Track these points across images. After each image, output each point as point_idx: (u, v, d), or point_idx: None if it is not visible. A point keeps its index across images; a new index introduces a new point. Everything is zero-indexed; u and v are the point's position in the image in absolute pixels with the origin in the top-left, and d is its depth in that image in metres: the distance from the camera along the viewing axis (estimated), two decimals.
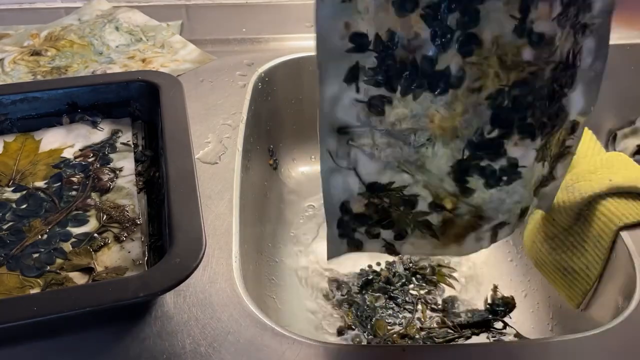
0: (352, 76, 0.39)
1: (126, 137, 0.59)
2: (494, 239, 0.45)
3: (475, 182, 0.42)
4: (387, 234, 0.46)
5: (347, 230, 0.46)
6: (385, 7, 0.36)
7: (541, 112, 0.39)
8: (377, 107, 0.40)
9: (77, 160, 0.56)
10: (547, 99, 0.39)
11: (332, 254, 0.47)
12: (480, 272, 0.69)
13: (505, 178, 0.42)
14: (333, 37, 0.37)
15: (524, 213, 0.45)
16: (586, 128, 0.61)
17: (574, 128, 0.42)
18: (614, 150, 0.87)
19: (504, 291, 0.66)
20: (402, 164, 0.42)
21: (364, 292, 0.65)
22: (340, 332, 0.61)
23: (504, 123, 0.39)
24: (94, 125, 0.60)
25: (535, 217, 0.57)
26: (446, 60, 0.37)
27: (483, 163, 0.41)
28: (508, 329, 0.61)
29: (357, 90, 0.39)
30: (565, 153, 0.44)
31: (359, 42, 0.37)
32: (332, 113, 0.40)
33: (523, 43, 0.37)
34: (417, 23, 0.36)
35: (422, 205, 0.44)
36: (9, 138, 0.58)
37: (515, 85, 0.38)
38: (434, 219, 0.44)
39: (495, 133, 0.39)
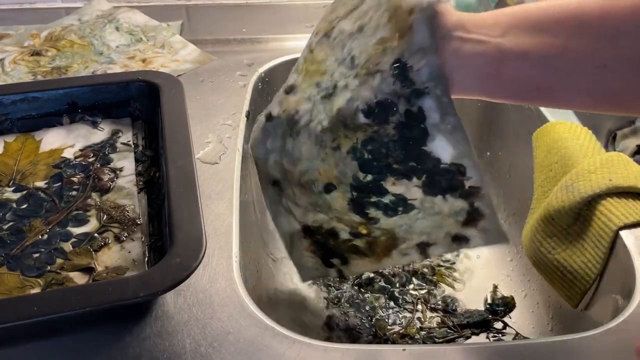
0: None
1: (126, 137, 0.59)
2: (423, 254, 0.51)
3: (375, 212, 0.49)
4: (336, 262, 0.55)
5: (305, 260, 0.56)
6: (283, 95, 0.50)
7: (403, 159, 0.45)
8: (288, 165, 0.50)
9: (78, 160, 0.57)
10: (401, 149, 0.45)
11: (305, 278, 0.58)
12: (480, 272, 0.69)
13: (400, 209, 0.49)
14: (260, 118, 0.51)
15: (456, 239, 0.50)
16: (586, 128, 0.61)
17: (462, 170, 0.45)
18: (614, 150, 0.87)
19: (504, 291, 0.66)
20: (316, 206, 0.51)
21: (364, 292, 0.66)
22: (340, 332, 0.61)
23: (372, 170, 0.47)
24: (94, 125, 0.60)
25: (535, 216, 0.57)
26: (313, 127, 0.48)
27: (373, 199, 0.48)
28: (508, 329, 0.61)
29: (275, 152, 0.50)
30: (471, 193, 0.47)
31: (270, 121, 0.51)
32: (265, 169, 0.52)
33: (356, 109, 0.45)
34: (297, 104, 0.48)
35: (344, 235, 0.52)
36: (9, 138, 0.59)
37: (365, 143, 0.46)
38: (359, 242, 0.52)
39: (369, 177, 0.47)
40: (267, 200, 0.54)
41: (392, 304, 0.64)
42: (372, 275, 0.67)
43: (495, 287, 0.66)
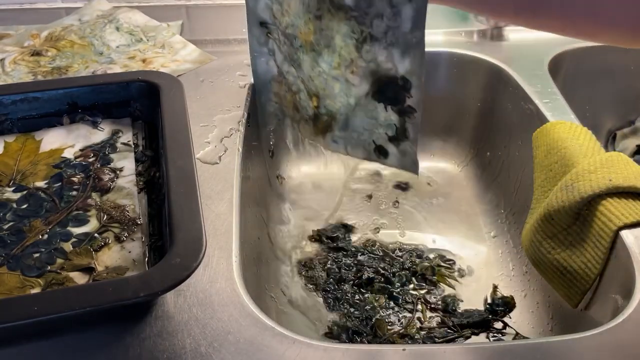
0: None
1: (126, 137, 0.59)
2: (346, 149, 0.58)
3: (327, 90, 0.55)
4: (291, 114, 0.61)
5: (270, 105, 0.62)
6: None
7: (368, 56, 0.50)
8: (277, 12, 0.55)
9: (78, 160, 0.57)
10: (369, 44, 0.50)
11: (262, 122, 0.65)
12: (480, 272, 0.69)
13: (348, 95, 0.54)
14: None
15: (377, 149, 0.55)
16: (586, 128, 0.61)
17: (407, 87, 0.50)
18: (614, 150, 0.87)
19: (504, 291, 0.66)
20: (291, 60, 0.56)
21: (364, 292, 0.66)
22: (340, 332, 0.61)
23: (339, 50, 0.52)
24: (95, 125, 0.60)
25: (534, 216, 0.57)
26: None
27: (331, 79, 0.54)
28: (508, 329, 0.62)
29: None
30: (407, 111, 0.51)
31: None
32: (255, 9, 0.57)
33: None
34: None
35: (302, 96, 0.58)
36: (10, 138, 0.59)
37: (343, 20, 0.50)
38: (309, 110, 0.58)
39: (335, 57, 0.52)
40: (251, 39, 0.59)
41: (392, 304, 0.64)
42: (372, 275, 0.67)
43: (495, 287, 0.66)
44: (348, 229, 0.74)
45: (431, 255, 0.71)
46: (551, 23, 0.45)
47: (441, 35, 0.85)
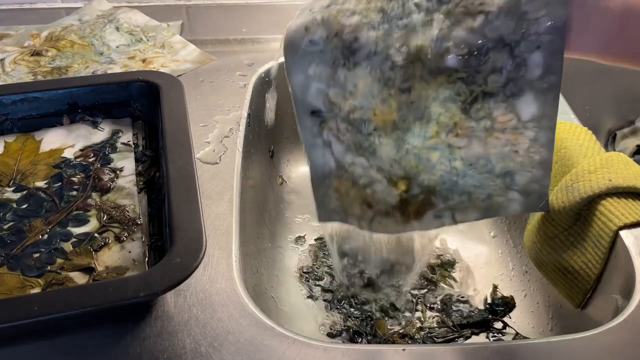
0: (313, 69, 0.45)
1: (126, 137, 0.59)
2: (454, 218, 0.48)
3: (422, 164, 0.46)
4: (359, 212, 0.50)
5: (328, 201, 0.51)
6: (335, 16, 0.43)
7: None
8: (335, 97, 0.45)
9: (78, 160, 0.57)
10: (482, 101, 0.42)
11: (321, 219, 0.53)
12: (480, 272, 0.69)
13: (453, 162, 0.46)
14: (296, 38, 0.45)
15: (493, 202, 0.47)
16: (586, 128, 0.61)
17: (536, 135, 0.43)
18: (614, 150, 0.87)
19: (504, 291, 0.66)
20: (359, 148, 0.47)
21: (364, 292, 0.66)
22: (340, 332, 0.61)
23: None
24: (95, 125, 0.60)
25: (536, 217, 0.57)
26: (379, 61, 0.43)
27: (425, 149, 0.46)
28: (508, 329, 0.61)
29: (320, 80, 0.45)
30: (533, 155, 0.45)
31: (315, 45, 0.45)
32: (303, 98, 0.46)
33: (445, 50, 0.40)
34: (357, 30, 0.43)
35: (378, 187, 0.48)
36: (10, 138, 0.59)
37: (443, 84, 0.42)
38: (392, 199, 0.48)
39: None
40: (303, 131, 0.48)
41: (392, 304, 0.64)
42: (372, 275, 0.67)
43: (495, 287, 0.66)
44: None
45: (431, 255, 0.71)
46: None
47: None
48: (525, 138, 0.43)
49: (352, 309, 0.63)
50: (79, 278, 0.45)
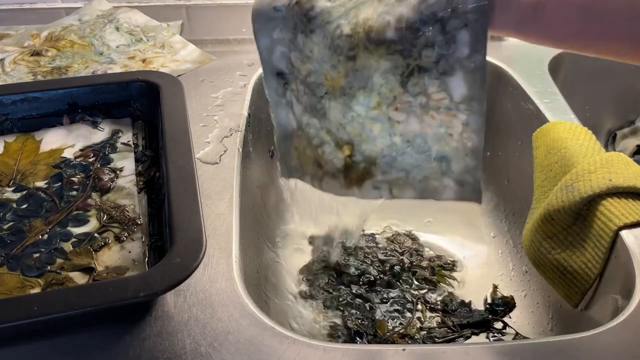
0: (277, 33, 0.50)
1: (126, 137, 0.59)
2: (392, 192, 0.52)
3: (364, 133, 0.50)
4: (312, 170, 0.55)
5: (290, 158, 0.56)
6: None
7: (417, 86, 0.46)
8: (296, 60, 0.49)
9: (78, 160, 0.57)
10: (418, 76, 0.45)
11: (284, 174, 0.58)
12: (480, 272, 0.69)
13: (393, 136, 0.49)
14: (262, 4, 0.49)
15: (429, 185, 0.50)
16: (586, 128, 0.61)
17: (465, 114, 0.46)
18: (614, 150, 0.87)
19: (504, 291, 0.66)
20: (313, 110, 0.51)
21: (364, 292, 0.66)
22: (340, 332, 0.61)
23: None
24: (95, 125, 0.60)
25: (535, 216, 0.57)
26: (331, 29, 0.46)
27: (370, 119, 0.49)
28: (508, 329, 0.62)
29: (283, 44, 0.50)
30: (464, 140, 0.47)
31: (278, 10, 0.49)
32: (269, 60, 0.51)
33: (386, 23, 0.44)
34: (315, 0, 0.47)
35: (327, 149, 0.52)
36: (10, 138, 0.59)
37: (384, 56, 0.45)
38: (338, 162, 0.52)
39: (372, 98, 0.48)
40: (269, 90, 0.53)
41: (392, 304, 0.64)
42: (373, 276, 0.67)
43: (495, 287, 0.66)
44: (348, 229, 0.74)
45: (431, 255, 0.71)
46: (612, 53, 0.43)
47: None
48: (458, 121, 0.46)
49: (352, 309, 0.63)
50: (79, 278, 0.45)
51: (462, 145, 0.47)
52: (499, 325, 0.62)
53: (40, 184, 0.54)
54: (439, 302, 0.65)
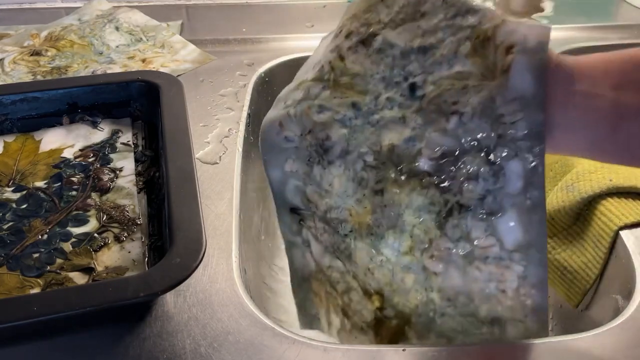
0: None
1: (126, 137, 0.59)
2: None
3: (396, 285, 0.41)
4: (339, 321, 0.47)
5: (309, 305, 0.48)
6: (307, 112, 0.41)
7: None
8: (312, 195, 0.43)
9: (77, 160, 0.56)
10: (458, 216, 0.37)
11: (303, 325, 0.50)
12: None
13: (430, 293, 0.40)
14: (271, 133, 0.43)
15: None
16: None
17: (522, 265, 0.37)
18: None
19: None
20: (336, 250, 0.43)
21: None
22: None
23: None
24: (94, 125, 0.60)
25: None
26: (352, 160, 0.40)
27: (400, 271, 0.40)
28: None
29: (297, 177, 0.43)
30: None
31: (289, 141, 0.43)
32: (282, 194, 0.44)
33: (417, 152, 0.37)
34: (328, 127, 0.40)
35: (355, 297, 0.44)
36: (9, 138, 0.58)
37: (416, 190, 0.38)
38: (367, 314, 0.44)
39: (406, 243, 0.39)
40: (282, 228, 0.46)
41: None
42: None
43: None
44: None
45: None
46: None
47: None
48: (513, 274, 0.38)
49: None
50: (79, 278, 0.45)
51: (520, 304, 0.38)
52: None
53: (40, 184, 0.54)
54: None
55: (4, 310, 0.39)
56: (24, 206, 0.52)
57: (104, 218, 0.50)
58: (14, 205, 0.52)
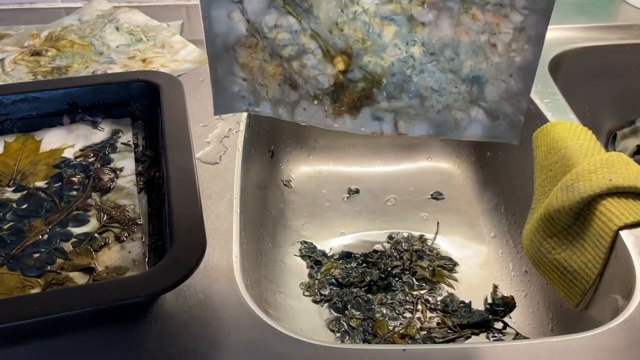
0: None
1: (126, 137, 0.59)
2: (396, 126, 0.39)
3: (373, 39, 0.36)
4: (278, 95, 0.40)
5: (232, 84, 0.41)
6: None
7: None
8: None
9: (78, 160, 0.57)
10: None
11: (219, 108, 0.43)
12: (480, 272, 0.69)
13: (418, 45, 0.36)
14: None
15: (449, 117, 0.38)
16: (586, 128, 0.61)
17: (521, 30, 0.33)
18: (614, 150, 0.87)
19: (504, 291, 0.66)
20: (289, 3, 0.36)
21: (364, 292, 0.65)
22: (340, 332, 0.61)
23: None
24: (95, 125, 0.60)
25: (535, 216, 0.57)
26: None
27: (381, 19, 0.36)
28: (508, 329, 0.61)
29: None
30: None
31: None
32: None
33: None
34: None
35: (311, 61, 0.38)
36: (10, 138, 0.59)
37: None
38: (325, 80, 0.38)
39: None
40: None
41: (392, 304, 0.64)
42: (374, 277, 0.67)
43: (495, 287, 0.66)
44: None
45: (431, 255, 0.71)
46: None
47: None
48: (509, 24, 0.34)
49: (352, 310, 0.63)
50: (79, 278, 0.45)
51: (507, 60, 0.35)
52: (499, 325, 0.62)
53: (40, 184, 0.54)
54: (439, 302, 0.65)
55: (4, 310, 0.39)
56: (25, 206, 0.52)
57: (105, 218, 0.51)
58: (14, 205, 0.52)
